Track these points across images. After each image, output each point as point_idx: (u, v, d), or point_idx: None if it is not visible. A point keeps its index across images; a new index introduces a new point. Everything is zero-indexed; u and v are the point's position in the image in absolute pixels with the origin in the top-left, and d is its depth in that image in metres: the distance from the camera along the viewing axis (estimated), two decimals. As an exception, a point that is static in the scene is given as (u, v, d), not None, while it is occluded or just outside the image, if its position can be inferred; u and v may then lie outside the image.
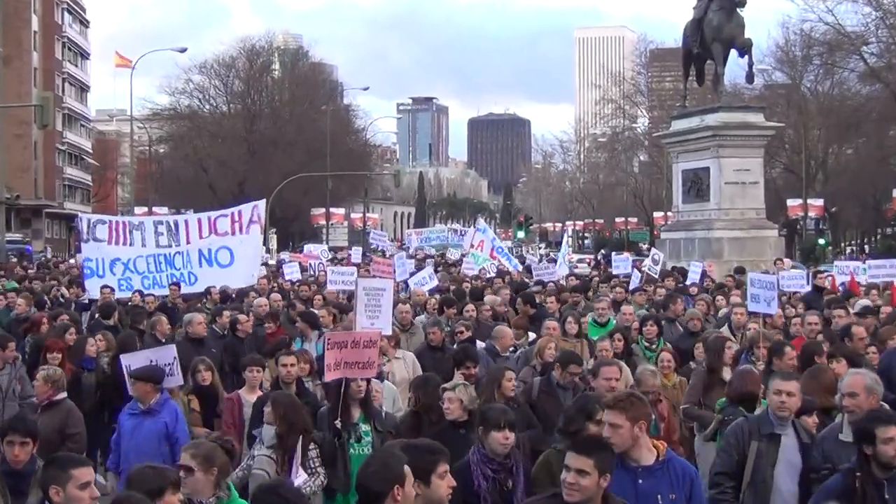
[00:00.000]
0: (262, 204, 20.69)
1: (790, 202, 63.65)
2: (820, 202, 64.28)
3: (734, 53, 31.63)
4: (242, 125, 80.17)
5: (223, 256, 19.18)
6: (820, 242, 66.11)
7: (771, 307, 11.80)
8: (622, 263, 24.40)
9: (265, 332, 13.67)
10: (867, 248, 74.08)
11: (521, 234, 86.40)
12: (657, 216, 75.29)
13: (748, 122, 31.23)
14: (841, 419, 7.23)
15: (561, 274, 22.96)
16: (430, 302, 15.54)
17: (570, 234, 36.51)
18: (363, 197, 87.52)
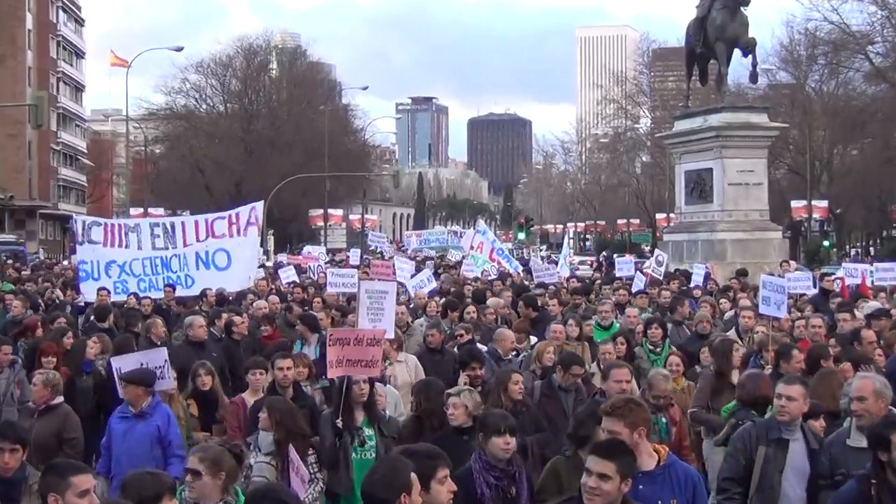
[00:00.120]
0: (259, 206, 20.72)
1: (794, 203, 63.59)
2: (824, 203, 64.20)
3: (738, 53, 31.61)
4: (239, 125, 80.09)
5: (220, 259, 19.16)
6: (824, 244, 66.09)
7: (780, 310, 11.82)
8: (625, 266, 24.42)
9: (262, 334, 13.67)
10: (872, 250, 74.07)
11: (521, 235, 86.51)
12: (659, 218, 75.22)
13: (752, 122, 31.22)
14: (849, 424, 7.20)
15: (563, 275, 22.96)
16: (429, 304, 15.54)
17: (571, 235, 36.46)
18: (362, 198, 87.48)
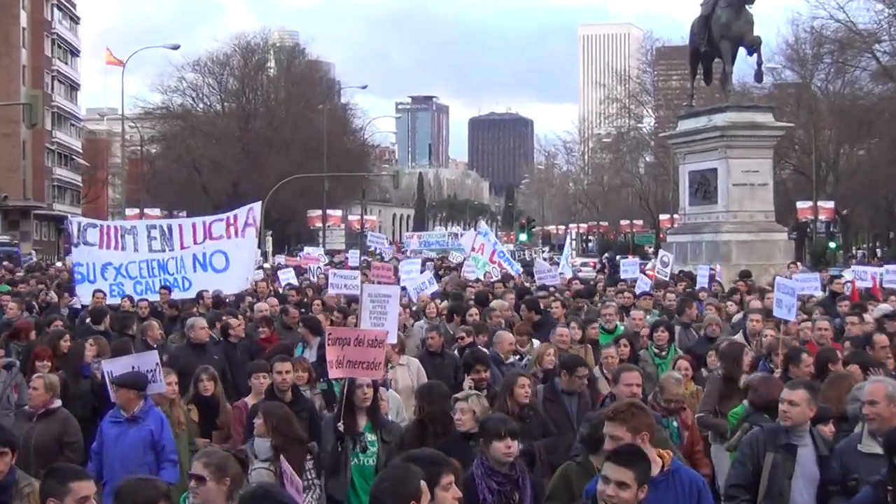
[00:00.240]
0: (257, 206, 20.65)
1: (800, 204, 63.61)
2: (831, 204, 64.24)
3: (743, 51, 31.63)
4: (237, 124, 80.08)
5: (218, 261, 19.10)
6: (830, 246, 66.14)
7: (791, 313, 11.83)
8: (630, 267, 24.28)
9: (259, 336, 13.64)
10: (879, 251, 74.07)
11: (523, 236, 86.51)
12: (663, 219, 75.25)
13: (757, 122, 31.22)
14: (860, 429, 7.14)
15: (565, 276, 22.92)
16: (429, 306, 15.47)
17: (573, 237, 36.47)
18: (361, 198, 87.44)
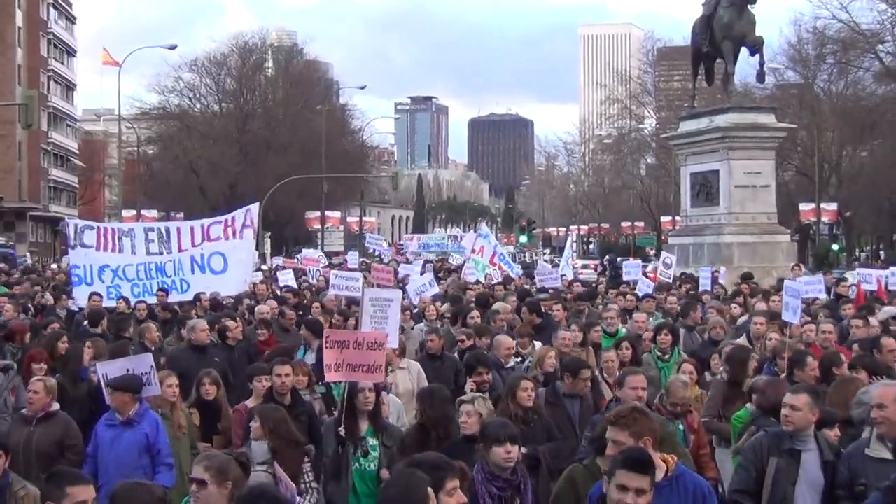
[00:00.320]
0: (255, 207, 20.63)
1: (803, 206, 63.64)
2: (833, 206, 64.27)
3: (745, 52, 31.65)
4: (234, 125, 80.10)
5: (216, 262, 19.10)
6: (833, 248, 66.13)
7: (795, 316, 11.88)
8: (633, 269, 24.24)
9: (257, 339, 13.65)
10: (882, 253, 74.09)
11: (523, 238, 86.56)
12: (665, 220, 75.24)
13: (759, 123, 31.26)
14: (869, 433, 7.11)
15: (567, 278, 22.94)
16: (428, 309, 15.46)
17: (574, 239, 36.53)
18: (360, 200, 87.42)
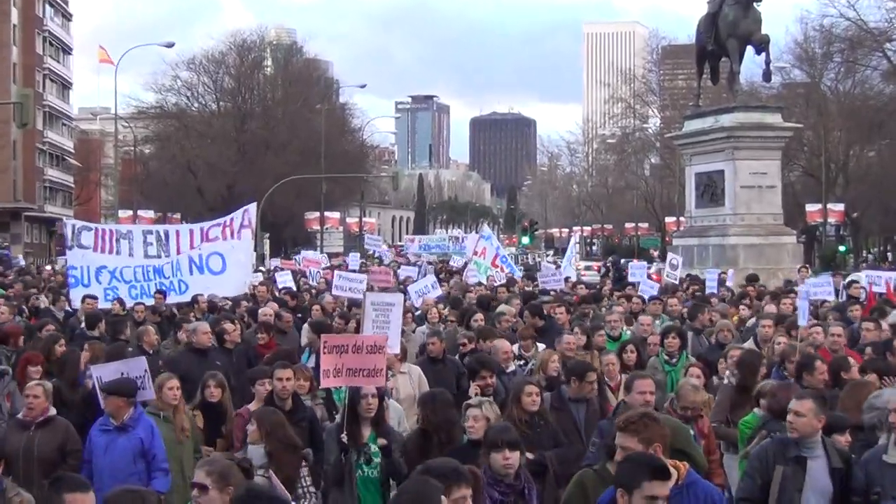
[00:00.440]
0: (252, 207, 20.65)
1: (809, 207, 63.61)
2: (840, 207, 64.23)
3: (750, 50, 31.75)
4: (232, 124, 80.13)
5: (215, 263, 19.12)
6: (840, 249, 66.13)
7: (803, 318, 11.91)
8: (638, 271, 24.22)
9: (257, 342, 13.68)
10: (890, 255, 74.13)
11: (525, 240, 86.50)
12: (669, 222, 75.28)
13: (765, 122, 31.33)
14: (886, 439, 7.09)
15: (572, 280, 22.94)
16: (431, 312, 15.47)
17: (577, 240, 36.54)
18: (359, 200, 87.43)
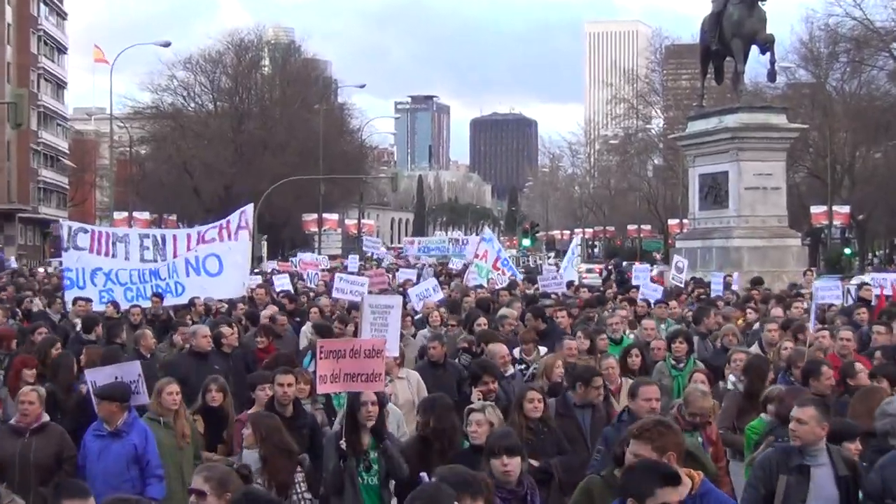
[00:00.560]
0: (249, 208, 20.59)
1: (814, 209, 63.64)
2: (846, 209, 64.26)
3: (755, 50, 31.75)
4: (229, 125, 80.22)
5: (211, 264, 19.07)
6: (846, 252, 66.13)
7: (814, 321, 11.92)
8: (642, 274, 24.24)
9: (256, 346, 13.67)
10: (896, 258, 74.11)
11: (526, 242, 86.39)
12: (672, 224, 75.26)
13: (770, 123, 31.34)
14: None
15: (575, 283, 22.94)
16: (432, 315, 15.45)
17: (578, 242, 36.61)
18: (358, 202, 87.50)
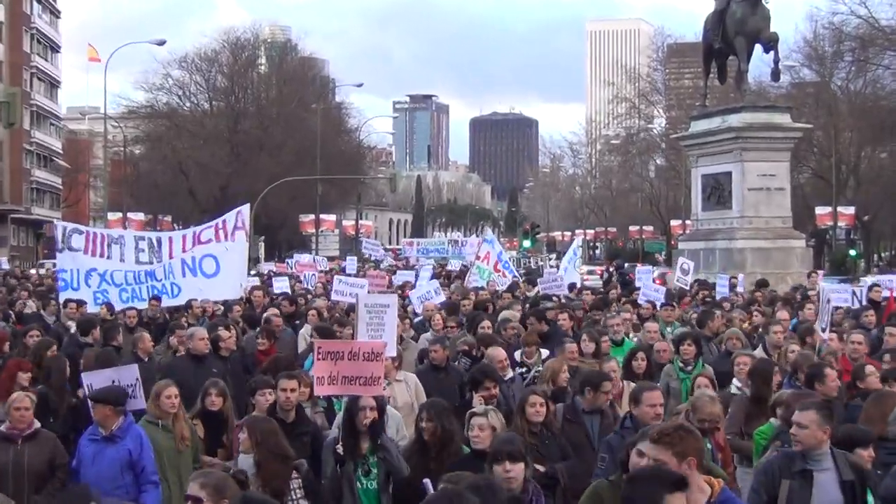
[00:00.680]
0: (246, 209, 20.59)
1: (819, 210, 63.65)
2: (851, 210, 64.23)
3: (759, 48, 31.76)
4: (226, 125, 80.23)
5: (208, 265, 19.05)
6: (851, 254, 66.07)
7: (821, 323, 11.92)
8: (645, 276, 24.23)
9: (256, 349, 13.66)
10: (902, 259, 74.12)
11: (527, 243, 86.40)
12: (674, 225, 75.26)
13: (774, 123, 31.35)
14: None
15: (577, 285, 22.92)
16: (434, 317, 15.44)
17: (579, 243, 36.48)
18: (356, 203, 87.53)
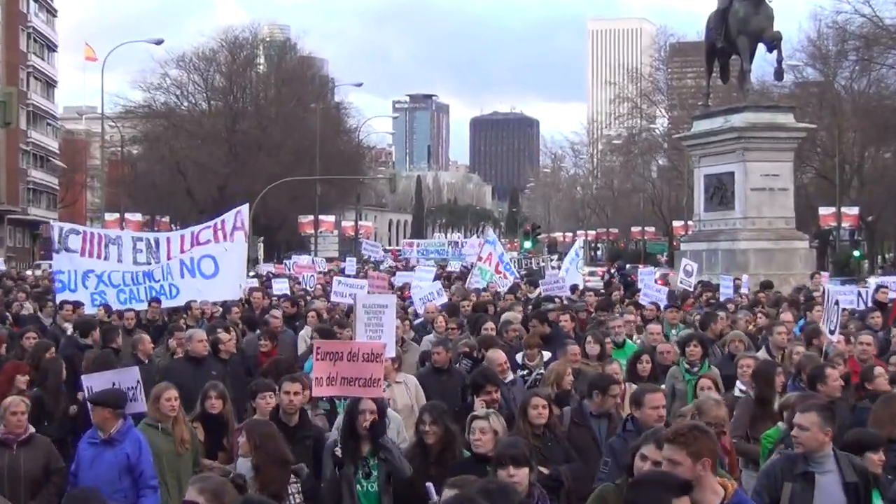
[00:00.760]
0: (244, 209, 20.57)
1: (822, 211, 63.69)
2: (855, 211, 64.30)
3: (762, 48, 31.77)
4: (224, 124, 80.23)
5: (206, 266, 19.02)
6: (855, 254, 66.12)
7: (826, 324, 11.94)
8: (647, 277, 24.22)
9: (259, 350, 13.66)
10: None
11: (528, 244, 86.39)
12: (677, 225, 75.36)
13: (777, 122, 31.34)
14: None
15: (579, 287, 22.93)
16: (437, 319, 15.43)
17: (581, 244, 36.47)
18: (355, 203, 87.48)
